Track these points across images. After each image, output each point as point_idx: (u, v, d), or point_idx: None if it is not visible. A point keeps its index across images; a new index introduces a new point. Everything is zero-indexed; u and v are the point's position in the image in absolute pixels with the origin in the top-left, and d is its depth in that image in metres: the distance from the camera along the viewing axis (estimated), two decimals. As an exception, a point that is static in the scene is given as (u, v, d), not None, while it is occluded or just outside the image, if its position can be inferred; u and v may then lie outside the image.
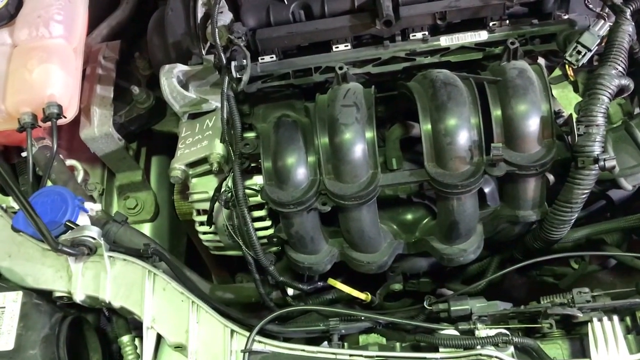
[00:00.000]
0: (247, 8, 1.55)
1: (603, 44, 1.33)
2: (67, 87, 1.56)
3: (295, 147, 1.37)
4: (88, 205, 1.43)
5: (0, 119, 1.57)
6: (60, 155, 1.72)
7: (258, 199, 1.44)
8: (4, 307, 1.32)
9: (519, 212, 1.37)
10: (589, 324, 1.11)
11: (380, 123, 1.58)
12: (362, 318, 1.29)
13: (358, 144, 1.32)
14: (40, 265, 1.39)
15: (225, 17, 1.54)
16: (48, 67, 1.54)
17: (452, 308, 1.23)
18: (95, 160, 1.84)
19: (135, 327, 1.47)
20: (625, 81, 1.27)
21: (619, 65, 1.26)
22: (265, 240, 1.52)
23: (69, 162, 1.75)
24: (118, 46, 1.84)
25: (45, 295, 1.39)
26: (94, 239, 1.32)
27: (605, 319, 1.10)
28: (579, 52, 1.30)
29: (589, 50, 1.29)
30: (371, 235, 1.40)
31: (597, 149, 1.23)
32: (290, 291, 1.61)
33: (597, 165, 1.22)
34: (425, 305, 1.27)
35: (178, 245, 1.95)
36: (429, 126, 1.31)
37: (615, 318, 1.09)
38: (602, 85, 1.24)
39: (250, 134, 1.53)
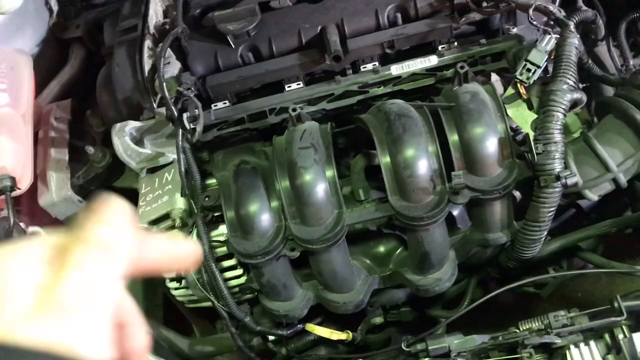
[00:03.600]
0: (194, 56, 1.53)
1: (552, 57, 1.33)
2: (18, 156, 1.51)
3: (256, 195, 1.34)
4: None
5: (-47, 196, 1.52)
6: (22, 224, 1.67)
7: (225, 248, 1.42)
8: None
9: (489, 235, 1.36)
10: (567, 350, 1.09)
11: (344, 154, 1.57)
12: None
13: (319, 185, 1.30)
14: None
15: (173, 67, 1.51)
16: (-4, 138, 1.49)
17: (430, 347, 1.21)
18: (59, 223, 1.79)
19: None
20: (578, 94, 1.26)
21: (569, 79, 1.25)
22: (237, 290, 1.49)
23: (32, 229, 1.69)
24: (69, 105, 1.79)
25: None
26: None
27: (582, 344, 1.08)
28: (529, 70, 1.29)
29: (538, 67, 1.29)
30: (344, 275, 1.37)
31: (557, 167, 1.22)
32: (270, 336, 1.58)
33: (559, 182, 1.21)
34: (403, 347, 1.24)
35: (154, 298, 1.90)
36: (388, 160, 1.29)
37: (592, 343, 1.08)
38: (555, 102, 1.23)
39: (212, 181, 1.50)
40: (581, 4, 1.51)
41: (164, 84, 1.41)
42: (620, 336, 1.08)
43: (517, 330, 1.20)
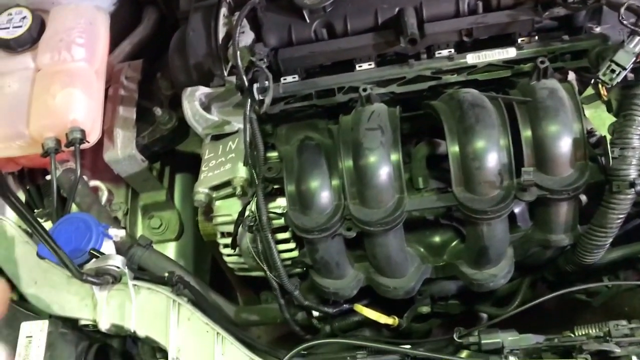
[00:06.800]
0: (268, 27, 1.53)
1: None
2: (89, 111, 1.55)
3: (319, 172, 1.34)
4: (112, 231, 1.42)
5: (25, 143, 1.57)
6: (85, 177, 1.72)
7: (282, 221, 1.43)
8: (31, 337, 1.32)
9: (551, 236, 1.33)
10: (628, 361, 1.07)
11: (406, 139, 1.55)
12: (391, 351, 1.26)
13: (383, 168, 1.29)
14: (66, 293, 1.39)
15: (246, 37, 1.52)
16: (71, 91, 1.53)
17: (482, 341, 1.20)
18: (119, 180, 1.84)
19: (160, 349, 1.46)
20: (663, 101, 1.21)
21: (656, 84, 1.21)
22: (289, 262, 1.51)
23: (93, 183, 1.75)
24: (140, 66, 1.83)
25: (72, 322, 1.39)
26: (118, 267, 1.31)
27: (645, 357, 1.06)
28: (613, 71, 1.24)
29: (624, 69, 1.23)
30: (398, 260, 1.37)
31: (633, 173, 1.18)
32: (315, 312, 1.59)
33: (633, 189, 1.18)
34: (455, 338, 1.24)
35: (203, 263, 1.95)
36: (457, 149, 1.27)
37: (656, 357, 1.05)
38: (638, 106, 1.19)
39: (273, 154, 1.51)
40: (674, 7, 1.44)
41: (238, 52, 1.42)
42: (683, 352, 1.06)
43: (572, 335, 1.17)
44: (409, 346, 1.27)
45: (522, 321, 1.49)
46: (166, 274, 1.38)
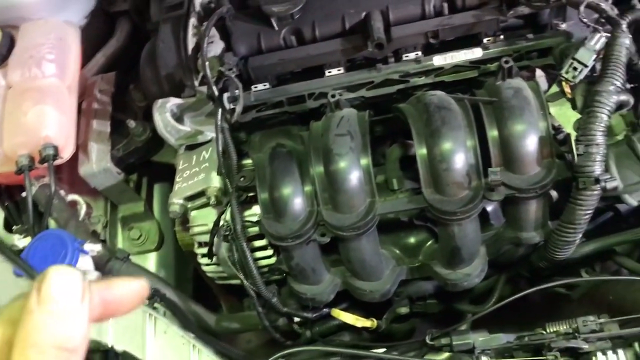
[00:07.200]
0: (237, 36, 1.53)
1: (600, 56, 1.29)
2: (62, 127, 1.55)
3: (290, 179, 1.35)
4: (88, 247, 1.43)
5: (-1, 161, 1.57)
6: (62, 191, 1.72)
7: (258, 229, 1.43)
8: (9, 355, 1.32)
9: (522, 234, 1.34)
10: (593, 357, 1.08)
11: (380, 142, 1.56)
12: (364, 355, 1.27)
13: (353, 173, 1.30)
14: (44, 309, 1.39)
15: (216, 46, 1.52)
16: (42, 108, 1.53)
17: (454, 343, 1.21)
18: (97, 193, 1.84)
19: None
20: (624, 97, 1.23)
21: (617, 80, 1.22)
22: (267, 270, 1.51)
23: (71, 197, 1.75)
24: (113, 78, 1.83)
25: (50, 339, 1.39)
26: (93, 283, 1.31)
27: (610, 352, 1.07)
28: (575, 69, 1.26)
29: (585, 66, 1.25)
30: (372, 264, 1.38)
31: (597, 169, 1.19)
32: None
33: (598, 185, 1.19)
34: (427, 341, 1.25)
35: (185, 272, 1.95)
36: (425, 152, 1.28)
37: (620, 351, 1.06)
38: (600, 103, 1.20)
39: (248, 161, 1.52)
40: (635, 2, 1.45)
41: (207, 63, 1.42)
42: (651, 346, 1.07)
43: (544, 332, 1.19)
44: (383, 349, 1.28)
45: (503, 317, 1.51)
46: (143, 286, 1.38)
